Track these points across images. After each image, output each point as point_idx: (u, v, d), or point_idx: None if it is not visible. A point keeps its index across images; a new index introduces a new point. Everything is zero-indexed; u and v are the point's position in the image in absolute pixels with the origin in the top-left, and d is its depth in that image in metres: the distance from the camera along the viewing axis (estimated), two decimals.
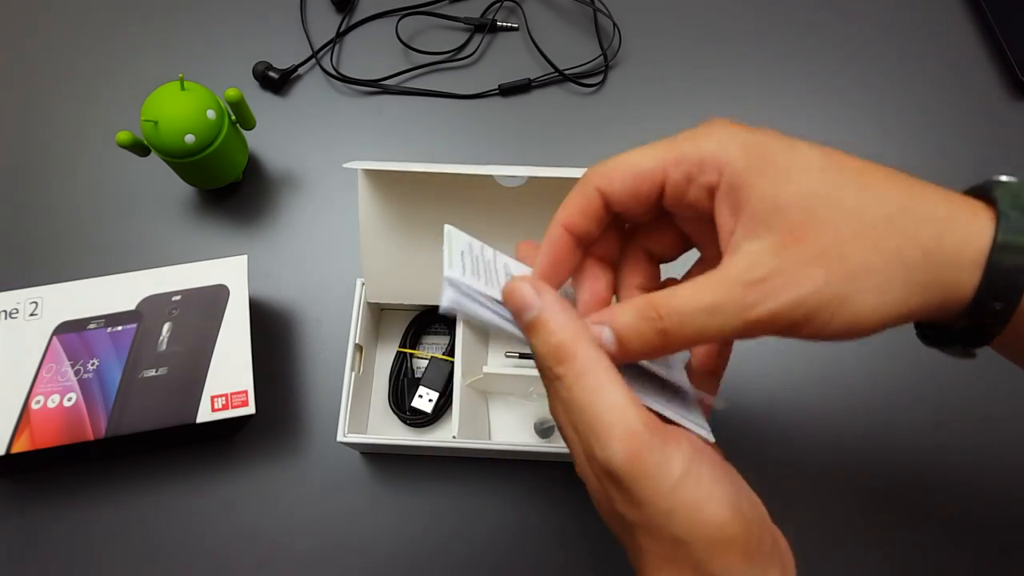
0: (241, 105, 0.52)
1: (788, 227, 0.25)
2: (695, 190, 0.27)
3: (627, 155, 0.29)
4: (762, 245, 0.25)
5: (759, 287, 0.25)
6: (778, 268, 0.25)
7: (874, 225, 0.25)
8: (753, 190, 0.26)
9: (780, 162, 0.26)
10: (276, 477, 0.50)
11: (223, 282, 0.48)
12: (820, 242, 0.25)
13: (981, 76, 0.61)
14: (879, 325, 0.25)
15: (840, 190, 0.25)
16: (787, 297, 0.25)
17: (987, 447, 0.50)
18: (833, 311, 0.25)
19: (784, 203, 0.25)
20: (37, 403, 0.45)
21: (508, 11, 0.64)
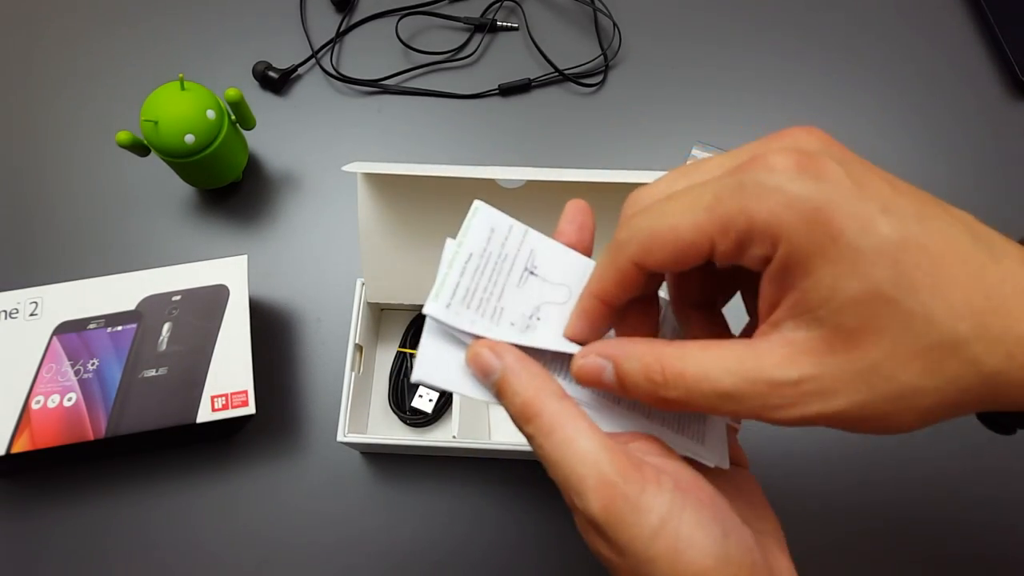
0: (241, 105, 0.52)
1: (841, 329, 0.22)
2: (746, 259, 0.24)
3: (664, 221, 0.24)
4: (806, 340, 0.22)
5: (789, 391, 0.22)
6: (817, 375, 0.22)
7: (937, 347, 0.21)
8: (810, 274, 0.22)
9: (848, 241, 0.21)
10: (276, 477, 0.50)
11: (223, 282, 0.48)
12: (872, 356, 0.22)
13: (981, 76, 0.61)
14: (919, 428, 0.23)
15: (911, 291, 0.21)
16: (818, 409, 0.22)
17: (988, 446, 0.49)
18: (868, 424, 0.22)
19: (842, 300, 0.22)
20: (37, 403, 0.45)
21: (508, 11, 0.64)
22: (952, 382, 0.21)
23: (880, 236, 0.21)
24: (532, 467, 0.50)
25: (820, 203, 0.21)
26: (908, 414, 0.22)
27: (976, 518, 0.48)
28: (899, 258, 0.21)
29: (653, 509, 0.23)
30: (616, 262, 0.26)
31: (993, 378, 0.21)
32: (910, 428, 0.22)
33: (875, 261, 0.21)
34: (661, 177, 0.26)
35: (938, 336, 0.21)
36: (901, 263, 0.21)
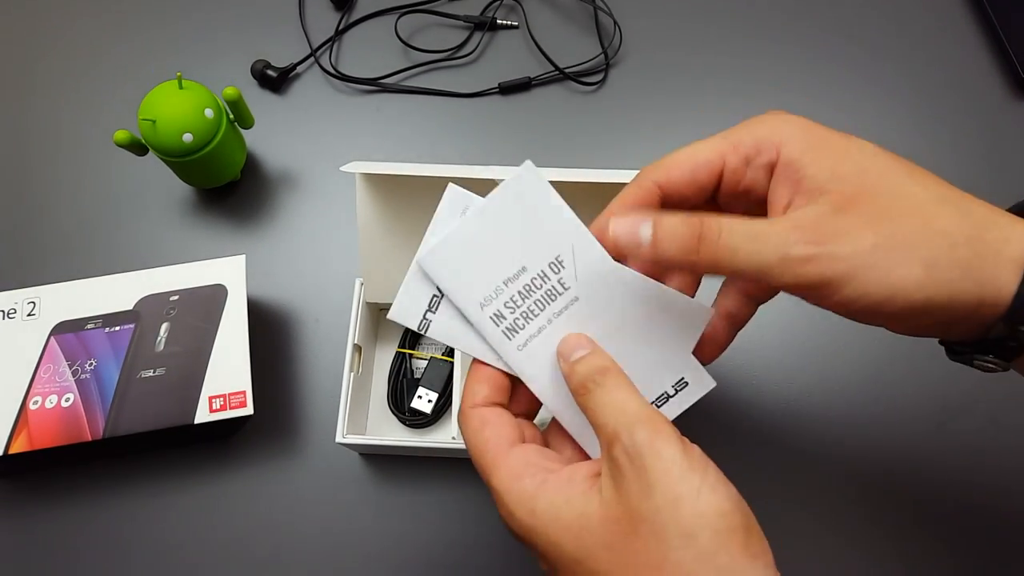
0: (239, 104, 0.51)
1: (844, 193, 0.26)
2: (753, 172, 0.28)
3: (683, 149, 0.29)
4: (817, 207, 0.26)
5: (806, 232, 0.25)
6: (829, 222, 0.26)
7: (924, 206, 0.26)
8: (811, 164, 0.27)
9: (836, 143, 0.27)
10: (274, 478, 0.50)
11: (221, 282, 0.48)
12: (873, 210, 0.26)
13: (983, 75, 0.60)
14: (919, 304, 0.25)
15: (893, 173, 0.27)
16: (833, 248, 0.25)
17: (988, 447, 0.49)
18: (876, 277, 0.25)
19: (841, 173, 0.26)
20: (35, 404, 0.44)
21: (508, 9, 0.64)
22: (944, 235, 0.25)
23: (859, 141, 0.27)
24: None
25: (812, 124, 0.28)
26: (915, 265, 0.25)
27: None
28: (877, 152, 0.27)
29: (674, 449, 0.25)
30: (639, 182, 0.30)
31: (975, 244, 0.25)
32: (918, 286, 0.25)
33: (860, 151, 0.27)
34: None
35: (920, 199, 0.26)
36: (879, 156, 0.27)
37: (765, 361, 0.52)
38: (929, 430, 0.50)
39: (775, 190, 0.28)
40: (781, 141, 0.28)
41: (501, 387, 0.30)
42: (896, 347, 0.51)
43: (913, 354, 0.50)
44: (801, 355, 0.52)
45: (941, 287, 0.25)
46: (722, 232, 0.26)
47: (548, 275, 0.29)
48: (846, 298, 0.25)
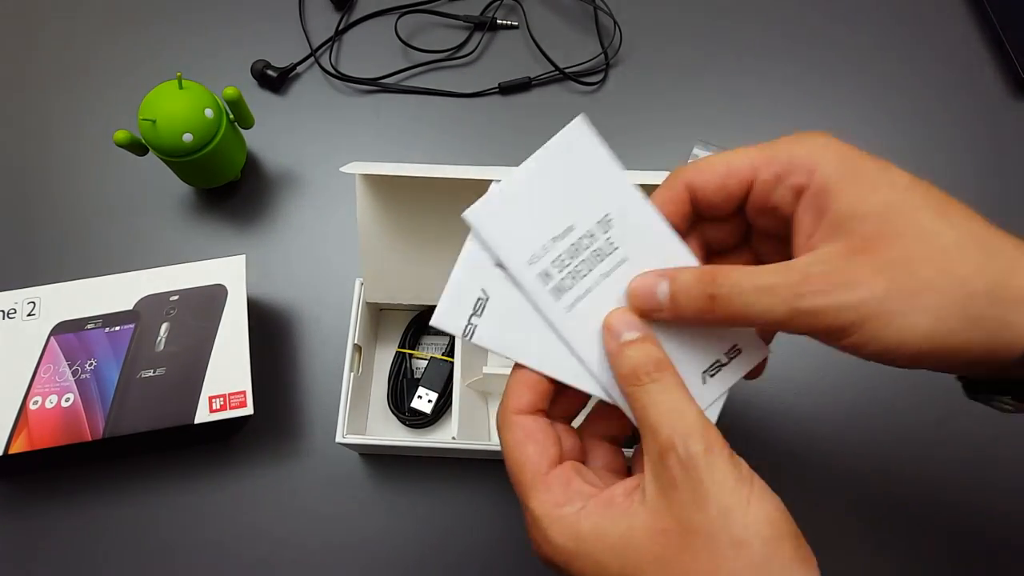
0: (239, 104, 0.51)
1: (862, 235, 0.26)
2: (782, 191, 0.28)
3: (718, 155, 0.29)
4: (833, 248, 0.26)
5: (816, 280, 0.25)
6: (841, 269, 0.25)
7: (946, 249, 0.25)
8: (839, 196, 0.26)
9: (869, 174, 0.27)
10: (274, 478, 0.50)
11: (221, 282, 0.48)
12: (890, 255, 0.25)
13: (983, 75, 0.60)
14: (926, 352, 0.25)
15: (921, 211, 0.26)
16: (842, 297, 0.25)
17: (988, 446, 0.49)
18: (884, 324, 0.25)
19: (864, 212, 0.26)
20: (35, 404, 0.44)
21: (508, 9, 0.64)
22: (960, 284, 0.25)
23: (894, 172, 0.27)
24: None
25: (849, 151, 0.27)
26: (923, 315, 0.24)
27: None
28: (910, 186, 0.26)
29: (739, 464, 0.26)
30: (670, 183, 0.30)
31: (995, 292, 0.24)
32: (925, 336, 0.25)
33: (891, 185, 0.26)
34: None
35: (944, 241, 0.25)
36: (912, 191, 0.26)
37: None
38: (929, 425, 0.50)
39: (801, 216, 0.27)
40: (815, 165, 0.27)
41: (544, 393, 0.30)
42: None
43: None
44: (798, 352, 0.52)
45: (952, 336, 0.25)
46: (733, 289, 0.26)
47: (596, 233, 0.29)
48: (853, 344, 0.25)
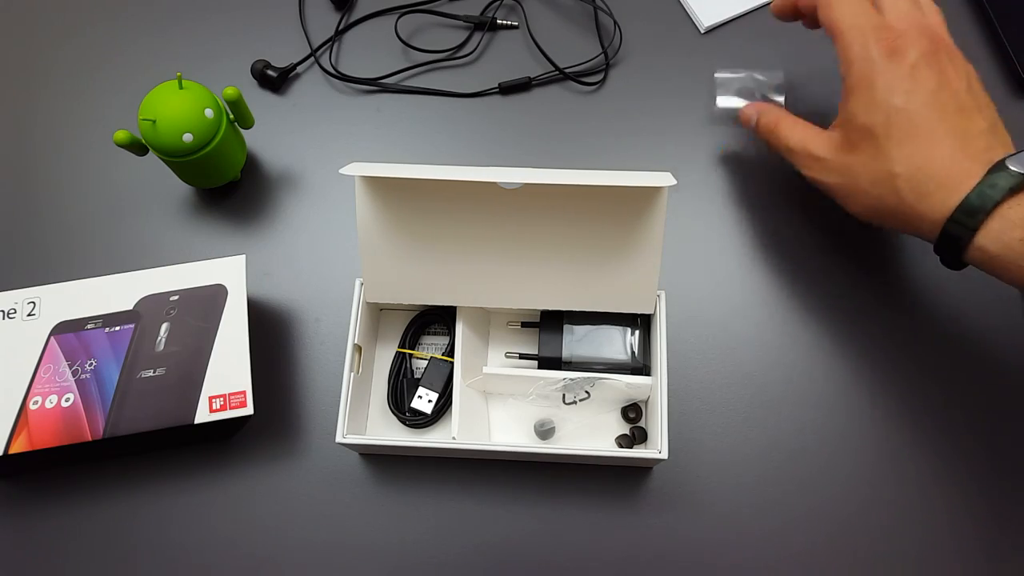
0: (239, 104, 0.51)
1: (849, 139, 0.44)
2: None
3: None
4: (836, 137, 0.45)
5: (815, 161, 0.46)
6: (830, 159, 0.45)
7: (884, 178, 0.42)
8: (850, 98, 0.44)
9: (875, 91, 0.42)
10: (274, 478, 0.50)
11: (221, 282, 0.48)
12: (854, 160, 0.44)
13: (983, 75, 0.60)
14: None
15: (887, 137, 0.42)
16: (822, 177, 0.46)
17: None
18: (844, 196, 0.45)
19: (854, 122, 0.43)
20: (35, 404, 0.44)
21: (508, 9, 0.64)
22: (883, 201, 0.43)
23: (892, 98, 0.42)
24: (531, 469, 0.49)
25: (878, 68, 0.42)
26: (860, 203, 0.44)
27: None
28: (892, 116, 0.41)
29: None
30: None
31: (905, 214, 0.42)
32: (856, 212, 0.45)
33: (879, 109, 0.42)
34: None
35: (886, 168, 0.42)
36: (892, 118, 0.41)
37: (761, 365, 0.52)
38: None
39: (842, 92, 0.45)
40: (851, 64, 0.44)
41: None
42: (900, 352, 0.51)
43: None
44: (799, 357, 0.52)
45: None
46: (782, 136, 0.48)
47: None
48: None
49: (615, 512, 0.49)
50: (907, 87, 0.41)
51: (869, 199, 0.43)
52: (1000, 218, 0.39)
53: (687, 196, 0.56)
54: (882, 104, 0.41)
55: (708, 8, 0.62)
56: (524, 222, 0.45)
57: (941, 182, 0.40)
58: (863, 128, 0.42)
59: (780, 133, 0.48)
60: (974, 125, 0.41)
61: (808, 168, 0.46)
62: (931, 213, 0.40)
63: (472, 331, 0.49)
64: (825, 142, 0.45)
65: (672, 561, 0.47)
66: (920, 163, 0.40)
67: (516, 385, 0.49)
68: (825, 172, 0.45)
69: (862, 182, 0.43)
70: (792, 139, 0.47)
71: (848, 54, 0.43)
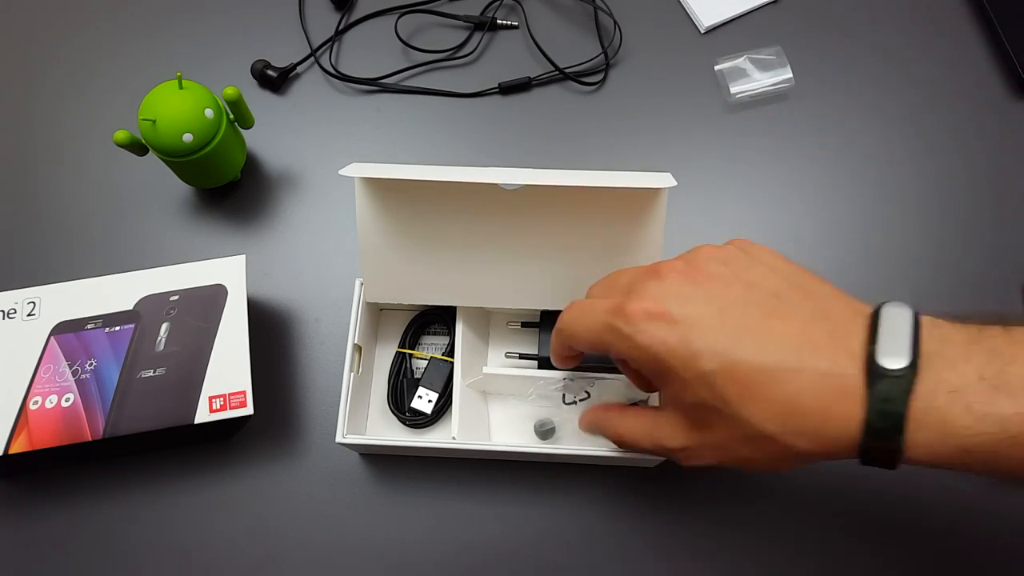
0: (239, 104, 0.51)
1: (693, 419, 0.34)
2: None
3: (577, 327, 0.37)
4: (680, 420, 0.35)
5: (679, 453, 0.36)
6: (690, 446, 0.35)
7: (757, 438, 0.32)
8: (663, 387, 0.35)
9: (678, 375, 0.33)
10: (274, 478, 0.50)
11: (221, 282, 0.48)
12: (716, 438, 0.34)
13: (983, 75, 0.60)
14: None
15: (727, 403, 0.32)
16: (699, 463, 0.36)
17: None
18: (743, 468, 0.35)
19: (684, 406, 0.34)
20: (35, 404, 0.44)
21: (508, 9, 0.64)
22: (778, 457, 0.32)
23: (700, 370, 0.32)
24: (531, 469, 0.49)
25: (658, 350, 0.33)
26: (759, 468, 0.34)
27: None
28: (715, 383, 0.31)
29: None
30: (558, 341, 0.39)
31: (807, 455, 0.31)
32: (767, 472, 0.35)
33: (698, 386, 0.32)
34: (597, 282, 0.40)
35: (754, 431, 0.31)
36: (717, 387, 0.31)
37: None
38: None
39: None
40: (638, 365, 0.35)
41: None
42: None
43: None
44: None
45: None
46: (615, 425, 0.40)
47: None
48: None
49: (615, 512, 0.49)
50: (708, 344, 0.31)
51: (766, 461, 0.33)
52: (922, 420, 0.29)
53: (687, 196, 0.56)
54: (692, 373, 0.32)
55: (708, 8, 0.62)
56: (524, 222, 0.45)
57: (825, 417, 0.30)
58: (695, 407, 0.33)
59: (611, 428, 0.39)
60: (799, 318, 0.32)
61: (683, 461, 0.36)
62: (837, 447, 0.31)
63: (472, 331, 0.49)
64: (672, 430, 0.35)
65: (673, 561, 0.47)
66: (784, 410, 0.31)
67: (516, 385, 0.49)
68: (698, 458, 0.35)
69: (744, 452, 0.33)
70: (636, 432, 0.38)
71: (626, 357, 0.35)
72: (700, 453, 0.35)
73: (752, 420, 0.31)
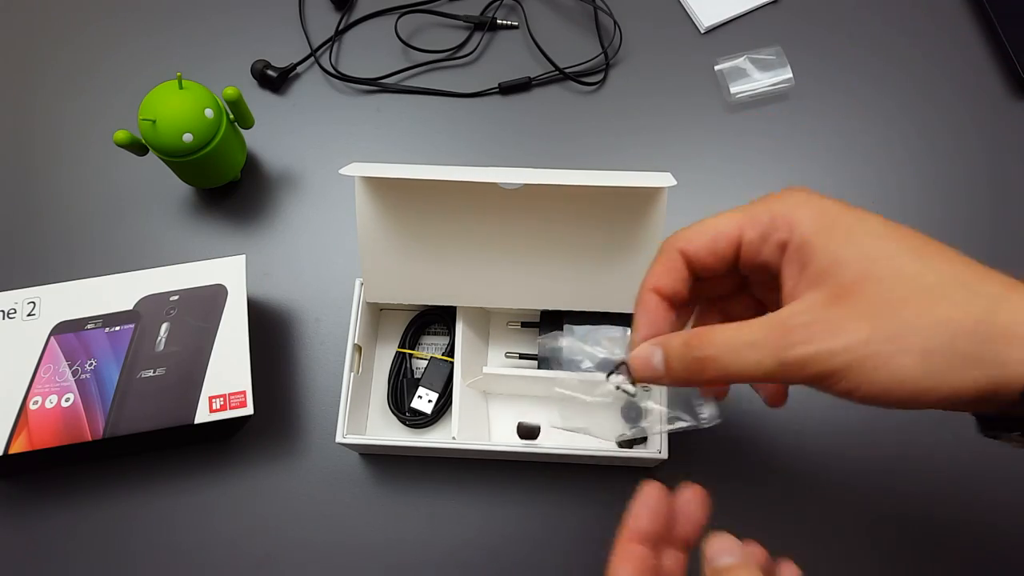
0: (239, 104, 0.51)
1: (842, 282, 0.26)
2: (768, 248, 0.29)
3: (706, 220, 0.31)
4: (814, 297, 0.27)
5: (800, 331, 0.26)
6: (823, 317, 0.26)
7: (926, 291, 0.25)
8: (817, 248, 0.27)
9: (846, 224, 0.28)
10: (274, 478, 0.50)
11: (221, 282, 0.48)
12: (870, 300, 0.26)
13: (983, 75, 0.60)
14: (922, 392, 0.25)
15: (898, 256, 0.26)
16: (826, 345, 0.25)
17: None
18: (873, 368, 0.25)
19: (842, 260, 0.27)
20: (35, 404, 0.44)
21: (508, 9, 0.64)
22: (945, 322, 0.25)
23: (870, 221, 0.27)
24: (531, 469, 0.49)
25: (826, 204, 0.28)
26: (910, 356, 0.25)
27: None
28: (886, 233, 0.27)
29: None
30: (664, 252, 0.31)
31: (982, 328, 0.24)
32: (916, 379, 0.25)
33: (867, 234, 0.27)
34: None
35: (923, 283, 0.26)
36: (887, 237, 0.27)
37: None
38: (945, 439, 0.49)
39: (785, 271, 0.28)
40: (795, 220, 0.28)
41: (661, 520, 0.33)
42: None
43: None
44: None
45: (942, 377, 0.25)
46: (720, 349, 0.27)
47: None
48: (845, 389, 0.26)
49: (615, 512, 0.49)
50: (866, 213, 0.28)
51: (922, 338, 0.25)
52: None
53: (687, 196, 0.56)
54: (861, 229, 0.27)
55: (708, 8, 0.62)
56: (524, 222, 0.45)
57: (998, 291, 0.25)
58: (858, 259, 0.27)
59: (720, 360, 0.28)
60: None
61: (794, 347, 0.26)
62: (1018, 325, 0.24)
63: (472, 331, 0.49)
64: (803, 307, 0.27)
65: None
66: (961, 272, 0.26)
67: (516, 384, 0.49)
68: (830, 335, 0.26)
69: (902, 316, 0.25)
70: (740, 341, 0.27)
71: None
72: (838, 325, 0.25)
73: (926, 275, 0.26)
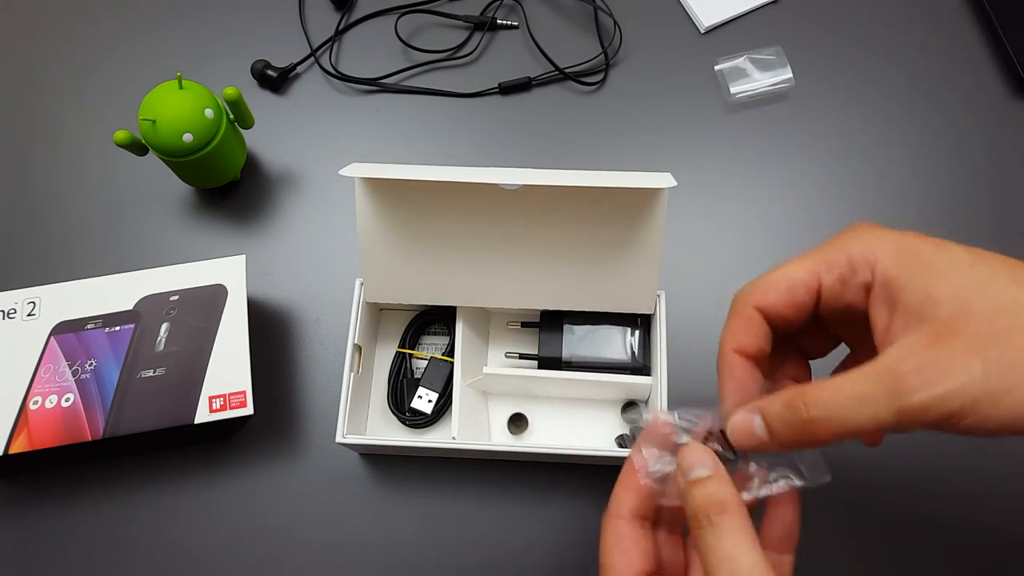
0: (239, 104, 0.51)
1: (941, 320, 0.25)
2: (851, 292, 0.28)
3: (776, 270, 0.30)
4: (916, 338, 0.25)
5: (912, 376, 0.24)
6: (932, 359, 0.25)
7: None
8: (905, 286, 0.26)
9: (929, 259, 0.26)
10: (274, 478, 0.50)
11: (221, 282, 0.48)
12: (973, 334, 0.24)
13: (983, 75, 0.60)
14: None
15: (991, 285, 0.25)
16: (943, 387, 0.24)
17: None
18: (993, 402, 0.24)
19: (935, 297, 0.25)
20: (35, 404, 0.44)
21: (508, 9, 0.64)
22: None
23: (953, 251, 0.26)
24: (531, 469, 0.49)
25: (903, 239, 0.27)
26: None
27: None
28: (973, 262, 0.26)
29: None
30: (739, 310, 0.30)
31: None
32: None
33: (955, 266, 0.26)
34: None
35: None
36: (976, 266, 0.26)
37: None
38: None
39: (875, 311, 0.27)
40: (875, 260, 0.27)
41: (648, 497, 0.30)
42: None
43: None
44: None
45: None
46: (827, 408, 0.25)
47: None
48: (969, 427, 0.24)
49: None
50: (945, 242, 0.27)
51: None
52: None
53: (687, 196, 0.56)
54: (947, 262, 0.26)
55: (708, 8, 0.62)
56: (524, 223, 0.45)
57: None
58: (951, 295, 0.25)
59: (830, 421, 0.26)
60: None
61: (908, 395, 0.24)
62: None
63: (472, 331, 0.49)
64: (907, 351, 0.25)
65: None
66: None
67: (517, 384, 0.49)
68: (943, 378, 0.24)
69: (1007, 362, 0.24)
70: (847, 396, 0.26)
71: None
72: (948, 365, 0.24)
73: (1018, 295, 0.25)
